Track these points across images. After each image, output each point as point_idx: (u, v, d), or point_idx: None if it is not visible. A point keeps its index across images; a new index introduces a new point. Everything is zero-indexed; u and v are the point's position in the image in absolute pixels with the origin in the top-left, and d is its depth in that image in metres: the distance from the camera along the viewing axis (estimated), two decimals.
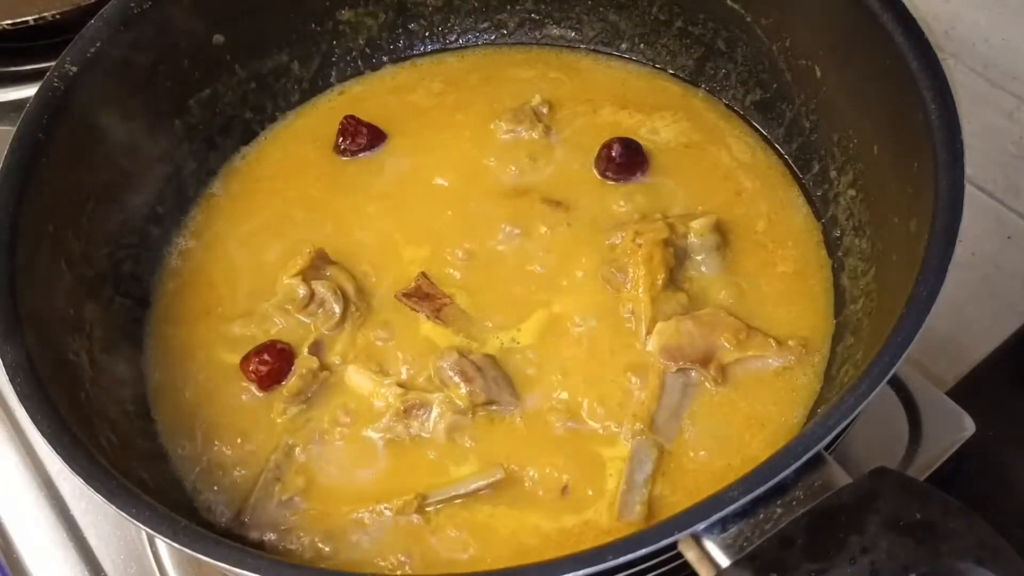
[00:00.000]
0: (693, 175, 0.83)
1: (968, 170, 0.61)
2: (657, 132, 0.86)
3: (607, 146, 0.83)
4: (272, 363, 0.74)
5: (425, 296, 0.76)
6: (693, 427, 0.70)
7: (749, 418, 0.70)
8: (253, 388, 0.74)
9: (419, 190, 0.84)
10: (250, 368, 0.74)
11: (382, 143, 0.88)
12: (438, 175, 0.85)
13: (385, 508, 0.67)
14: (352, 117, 0.89)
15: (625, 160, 0.82)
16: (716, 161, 0.84)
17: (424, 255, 0.80)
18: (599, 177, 0.83)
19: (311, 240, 0.80)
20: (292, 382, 0.73)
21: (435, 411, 0.71)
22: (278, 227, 0.83)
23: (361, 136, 0.88)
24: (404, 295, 0.77)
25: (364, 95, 0.92)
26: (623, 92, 0.90)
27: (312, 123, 0.92)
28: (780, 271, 0.77)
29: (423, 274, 0.78)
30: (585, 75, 0.93)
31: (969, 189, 0.61)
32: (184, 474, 0.72)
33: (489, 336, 0.75)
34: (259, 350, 0.74)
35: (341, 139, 0.88)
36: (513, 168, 0.85)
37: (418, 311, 0.76)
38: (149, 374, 0.77)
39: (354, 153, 0.88)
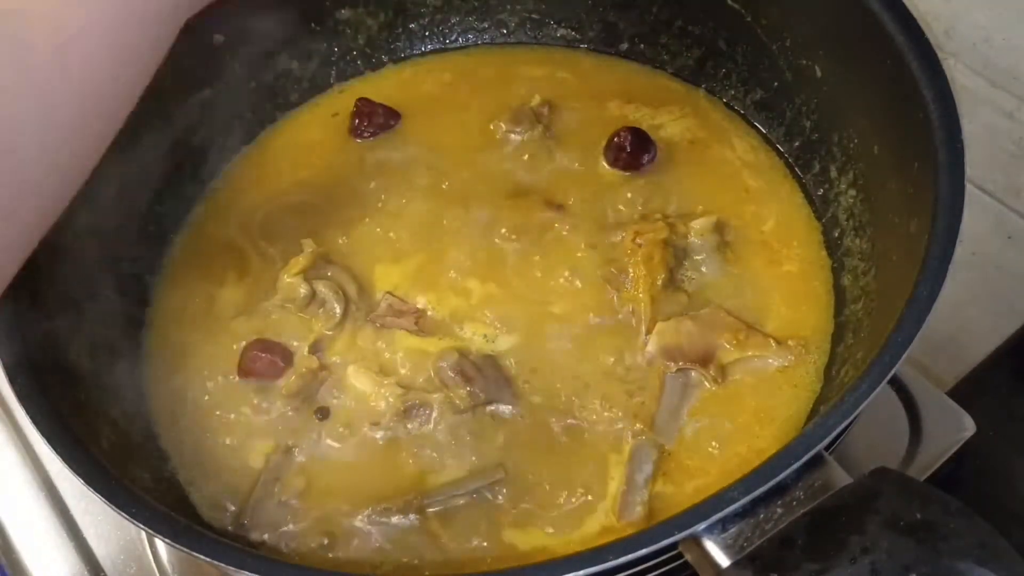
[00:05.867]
0: (700, 173, 0.83)
1: (968, 170, 0.61)
2: (663, 127, 0.86)
3: (616, 135, 0.83)
4: (265, 359, 0.74)
5: (398, 313, 0.76)
6: (693, 427, 0.70)
7: (749, 417, 0.70)
8: (249, 387, 0.74)
9: (421, 189, 0.84)
10: (243, 366, 0.74)
11: (397, 122, 0.89)
12: (442, 173, 0.85)
13: (385, 508, 0.67)
14: (365, 99, 0.89)
15: (635, 149, 0.82)
16: (722, 158, 0.84)
17: (423, 257, 0.80)
18: (603, 172, 0.84)
19: (313, 238, 0.80)
20: (292, 381, 0.73)
21: (435, 411, 0.71)
22: (279, 226, 0.83)
23: (377, 116, 0.88)
24: (378, 316, 0.76)
25: (368, 92, 0.92)
26: (627, 88, 0.90)
27: (313, 121, 0.92)
28: (784, 271, 0.77)
29: (389, 293, 0.77)
30: (589, 73, 0.93)
31: (969, 189, 0.61)
32: (184, 474, 0.72)
33: (486, 337, 0.75)
34: (251, 347, 0.74)
35: (357, 121, 0.88)
36: (514, 169, 0.85)
37: (397, 328, 0.75)
38: (149, 373, 0.77)
39: (373, 134, 0.88)
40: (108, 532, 0.84)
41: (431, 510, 0.67)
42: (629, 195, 0.81)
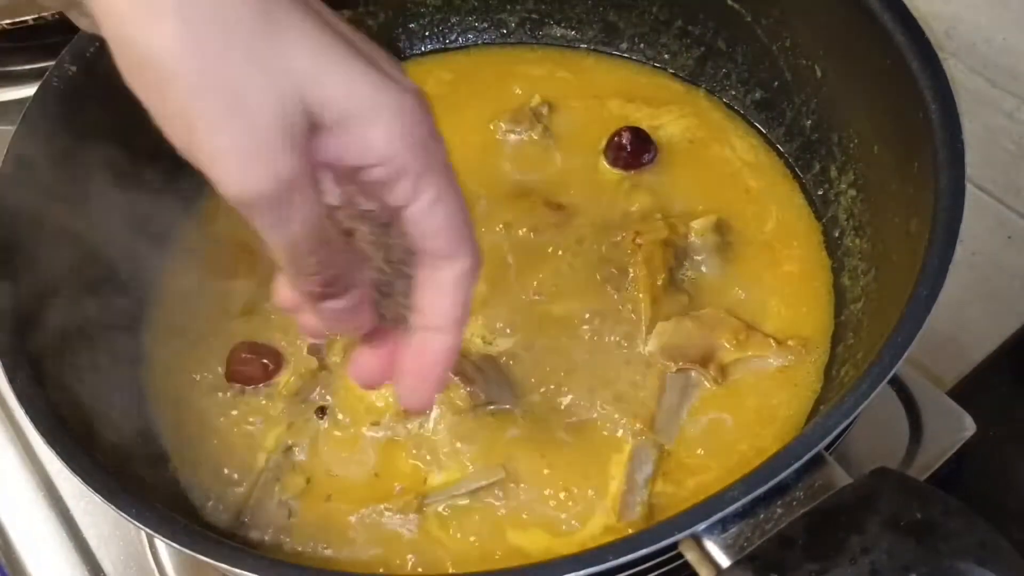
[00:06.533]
0: (700, 173, 0.83)
1: (968, 170, 0.61)
2: (664, 127, 0.86)
3: (616, 135, 0.83)
4: (253, 362, 0.74)
5: None
6: (693, 427, 0.70)
7: (749, 417, 0.70)
8: (249, 387, 0.74)
9: None
10: (231, 371, 0.74)
11: None
12: None
13: (385, 508, 0.67)
14: None
15: (635, 148, 0.83)
16: (722, 158, 0.84)
17: None
18: (603, 172, 0.84)
19: None
20: (291, 381, 0.73)
21: (435, 411, 0.71)
22: None
23: None
24: None
25: None
26: (629, 88, 0.90)
27: None
28: (785, 271, 0.77)
29: None
30: (590, 73, 0.93)
31: (969, 189, 0.61)
32: (184, 474, 0.72)
33: (485, 339, 0.75)
34: (237, 350, 0.75)
35: None
36: (514, 168, 0.85)
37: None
38: (149, 373, 0.77)
39: None
40: (108, 532, 0.84)
41: (430, 510, 0.67)
42: (629, 195, 0.81)
